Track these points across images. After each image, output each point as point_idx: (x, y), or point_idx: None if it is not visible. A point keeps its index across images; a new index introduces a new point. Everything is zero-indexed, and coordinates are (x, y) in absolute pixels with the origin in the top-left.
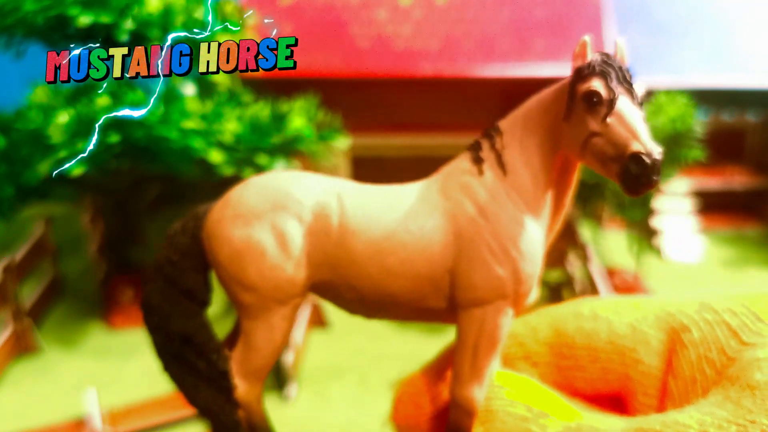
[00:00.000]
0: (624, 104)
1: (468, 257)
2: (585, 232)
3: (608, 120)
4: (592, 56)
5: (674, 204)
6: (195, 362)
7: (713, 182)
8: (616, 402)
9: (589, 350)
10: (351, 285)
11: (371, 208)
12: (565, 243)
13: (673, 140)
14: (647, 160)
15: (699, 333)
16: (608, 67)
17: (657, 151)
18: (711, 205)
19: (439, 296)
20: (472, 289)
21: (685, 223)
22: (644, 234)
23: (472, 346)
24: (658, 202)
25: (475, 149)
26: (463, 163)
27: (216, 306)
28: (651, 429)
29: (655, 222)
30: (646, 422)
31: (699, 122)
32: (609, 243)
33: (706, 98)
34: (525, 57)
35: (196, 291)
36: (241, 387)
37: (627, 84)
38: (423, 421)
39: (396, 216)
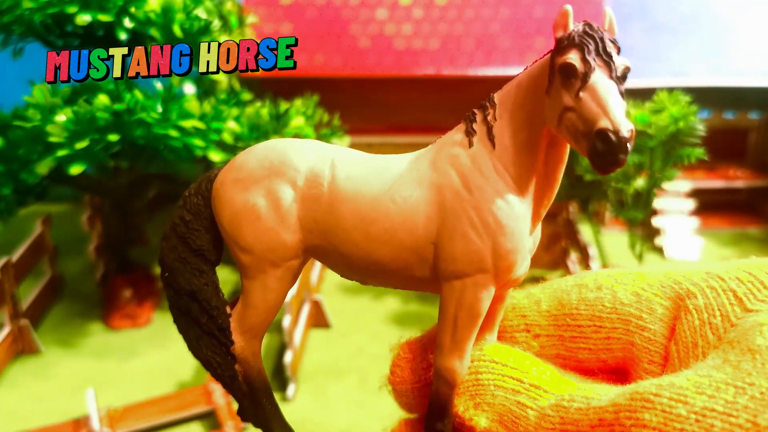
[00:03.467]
0: (599, 78)
1: (450, 229)
2: (586, 232)
3: (581, 94)
4: (574, 26)
5: (675, 204)
6: (198, 317)
7: (715, 181)
8: (621, 374)
9: (593, 319)
10: (339, 251)
11: (360, 176)
12: (566, 243)
13: (674, 139)
14: (613, 138)
15: (704, 299)
16: (588, 39)
17: (626, 128)
18: (713, 204)
19: (424, 267)
20: (452, 262)
21: (687, 222)
22: (645, 234)
23: (452, 318)
24: (660, 202)
25: (469, 120)
26: (456, 134)
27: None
28: (646, 392)
29: (656, 222)
30: (641, 386)
31: (700, 121)
32: (610, 243)
33: (707, 97)
34: (525, 56)
35: (205, 250)
36: (238, 342)
37: (605, 56)
38: (417, 387)
39: (383, 185)
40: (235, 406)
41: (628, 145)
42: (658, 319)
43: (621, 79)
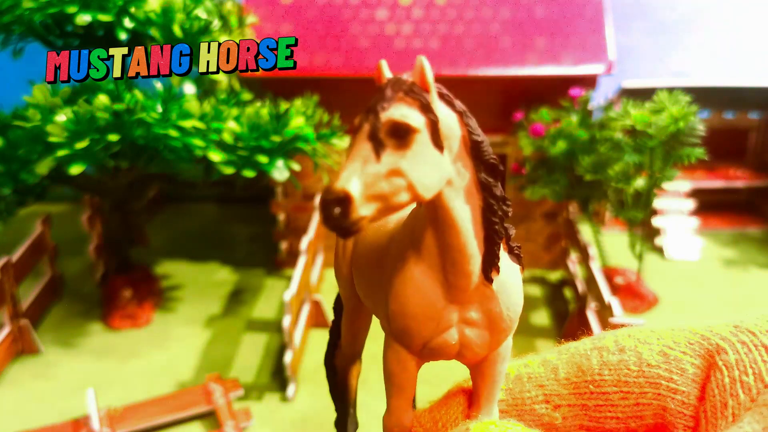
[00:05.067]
0: (355, 138)
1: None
2: (586, 232)
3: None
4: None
5: (675, 204)
6: (332, 329)
7: (715, 181)
8: None
9: (618, 385)
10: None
11: (372, 226)
12: (566, 243)
13: (674, 139)
14: (322, 200)
15: (735, 355)
16: (374, 96)
17: (337, 189)
18: (712, 204)
19: None
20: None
21: (687, 222)
22: (645, 234)
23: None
24: (660, 202)
25: None
26: None
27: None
28: None
29: (656, 222)
30: None
31: (700, 121)
32: (610, 243)
33: (707, 97)
34: (525, 56)
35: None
36: (338, 358)
37: (367, 114)
38: None
39: (374, 237)
40: (236, 406)
41: (336, 209)
42: (690, 380)
43: (387, 136)
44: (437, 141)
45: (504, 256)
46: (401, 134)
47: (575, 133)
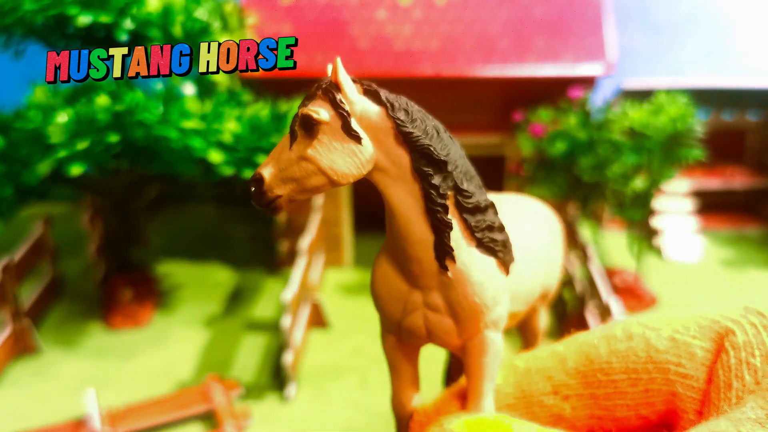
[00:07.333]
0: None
1: None
2: (585, 232)
3: None
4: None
5: (674, 204)
6: None
7: (713, 182)
8: (666, 428)
9: (627, 372)
10: None
11: None
12: (565, 243)
13: (673, 140)
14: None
15: (743, 336)
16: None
17: (256, 172)
18: (711, 205)
19: None
20: None
21: (686, 223)
22: (644, 234)
23: None
24: (659, 202)
25: None
26: None
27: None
28: None
29: (655, 222)
30: None
31: (699, 122)
32: (609, 243)
33: (706, 98)
34: (525, 57)
35: None
36: None
37: (298, 109)
38: None
39: None
40: (236, 406)
41: (252, 188)
42: (699, 364)
43: (299, 127)
44: (350, 132)
45: (469, 248)
46: (308, 126)
47: (574, 133)
